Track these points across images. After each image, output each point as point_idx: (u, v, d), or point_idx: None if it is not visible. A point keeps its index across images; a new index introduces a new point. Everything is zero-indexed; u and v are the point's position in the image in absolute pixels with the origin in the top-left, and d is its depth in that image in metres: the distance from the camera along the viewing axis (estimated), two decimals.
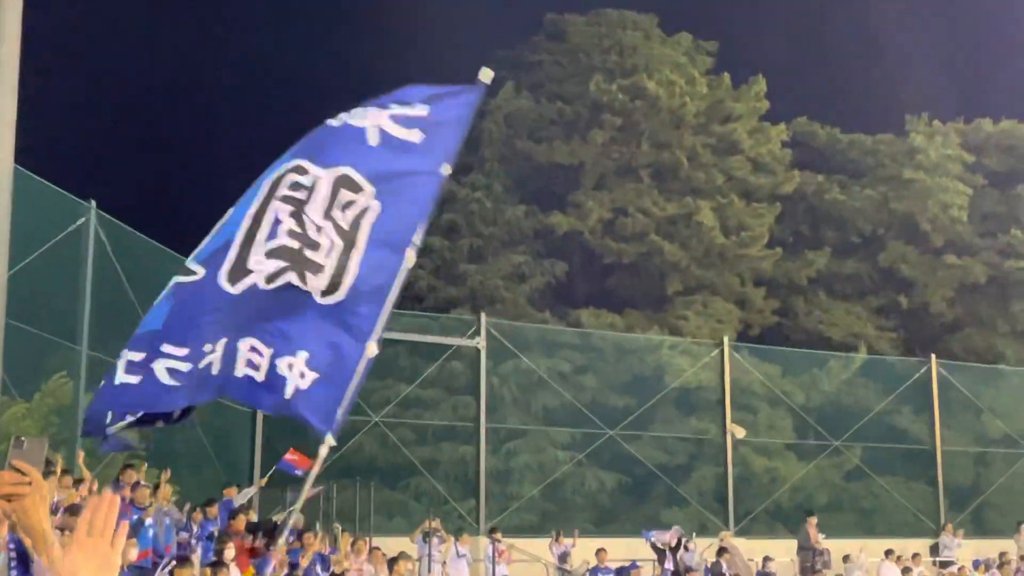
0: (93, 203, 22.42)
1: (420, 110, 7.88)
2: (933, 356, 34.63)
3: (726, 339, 33.50)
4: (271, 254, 7.52)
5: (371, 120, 7.85)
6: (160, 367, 7.24)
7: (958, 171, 46.53)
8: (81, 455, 18.37)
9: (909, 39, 55.78)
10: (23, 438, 10.97)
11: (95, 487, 16.92)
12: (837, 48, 57.55)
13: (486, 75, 8.21)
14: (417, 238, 7.77)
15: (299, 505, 10.67)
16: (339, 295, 7.60)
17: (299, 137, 8.25)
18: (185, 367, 7.32)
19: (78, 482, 17.03)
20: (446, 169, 7.79)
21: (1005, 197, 47.36)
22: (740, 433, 31.19)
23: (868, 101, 51.68)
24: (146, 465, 19.42)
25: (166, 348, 7.26)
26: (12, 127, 30.93)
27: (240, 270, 7.48)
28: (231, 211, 7.88)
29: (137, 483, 17.19)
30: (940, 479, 33.33)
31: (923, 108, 49.67)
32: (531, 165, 43.70)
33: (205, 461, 25.67)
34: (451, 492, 29.92)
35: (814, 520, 28.05)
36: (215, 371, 7.47)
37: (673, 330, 38.77)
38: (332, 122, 7.85)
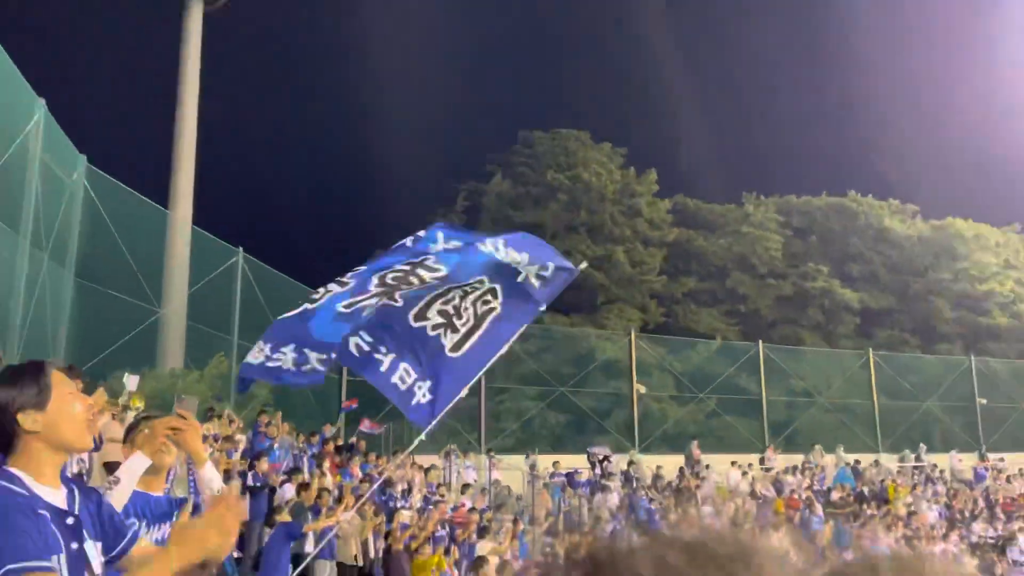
0: (240, 249, 23.08)
1: (545, 270, 7.75)
2: (760, 342, 34.54)
3: (633, 331, 33.49)
4: (440, 313, 7.57)
5: (519, 261, 7.63)
6: (296, 356, 7.11)
7: (774, 227, 48.05)
8: (228, 412, 18.46)
9: (743, 146, 57.98)
10: (184, 397, 15.68)
11: (241, 424, 17.88)
12: (700, 151, 58.28)
13: (581, 263, 8.31)
14: (508, 344, 7.79)
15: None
16: (460, 353, 7.49)
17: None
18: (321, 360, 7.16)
19: (232, 422, 17.36)
20: (540, 309, 7.88)
21: (803, 243, 48.66)
22: (642, 389, 31.68)
23: (719, 184, 51.91)
24: (278, 412, 18.99)
25: (307, 350, 7.14)
26: (190, 197, 33.66)
27: (421, 314, 7.51)
28: (374, 263, 7.69)
29: (268, 422, 17.27)
30: (764, 417, 33.07)
31: (753, 187, 50.93)
32: (511, 223, 41.14)
33: (312, 409, 24.68)
34: (463, 427, 28.55)
35: (696, 443, 29.51)
36: (383, 368, 7.33)
37: (601, 326, 39.11)
38: (483, 248, 7.58)
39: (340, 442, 20.73)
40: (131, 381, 14.81)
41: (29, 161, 14.76)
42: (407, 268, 7.42)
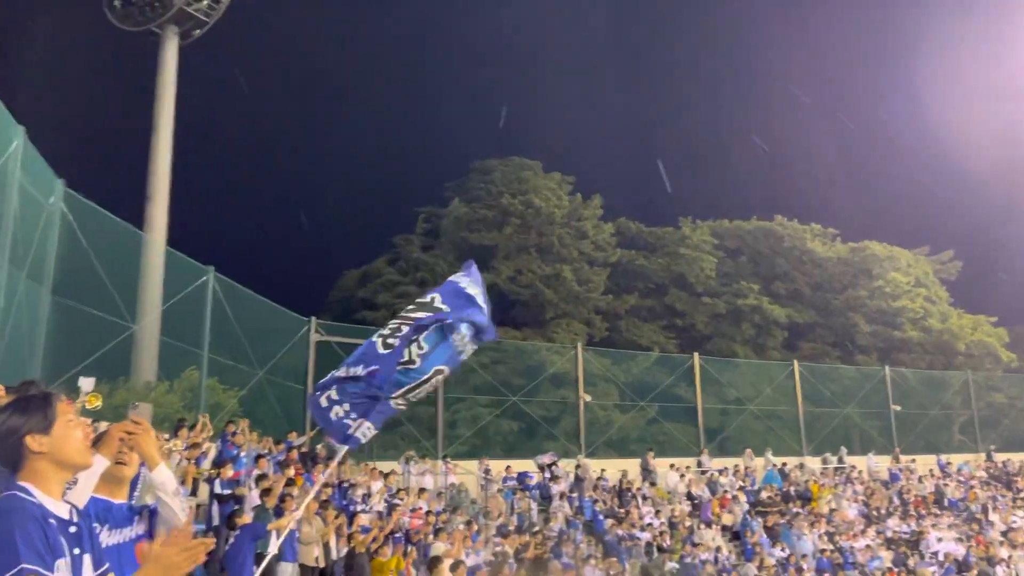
0: (212, 268, 22.66)
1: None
2: (696, 354, 34.57)
3: (579, 345, 33.32)
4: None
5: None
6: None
7: (709, 249, 48.44)
8: (205, 416, 18.08)
9: (681, 173, 58.49)
10: (137, 403, 15.42)
11: (210, 432, 17.38)
12: (642, 180, 58.70)
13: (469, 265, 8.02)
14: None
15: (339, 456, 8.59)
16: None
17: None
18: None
19: (198, 429, 16.80)
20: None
21: (735, 263, 49.11)
22: (588, 398, 31.47)
23: (658, 208, 52.56)
24: (247, 421, 18.42)
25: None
26: (165, 219, 33.20)
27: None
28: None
29: (235, 432, 16.90)
30: (700, 423, 32.90)
31: (689, 212, 51.20)
32: (468, 245, 43.70)
33: (278, 419, 24.19)
34: (421, 434, 28.76)
35: (651, 452, 29.12)
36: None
37: (549, 339, 39.26)
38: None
39: (305, 450, 20.21)
40: (86, 383, 14.69)
41: (8, 185, 14.52)
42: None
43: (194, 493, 14.27)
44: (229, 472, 14.08)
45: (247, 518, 10.71)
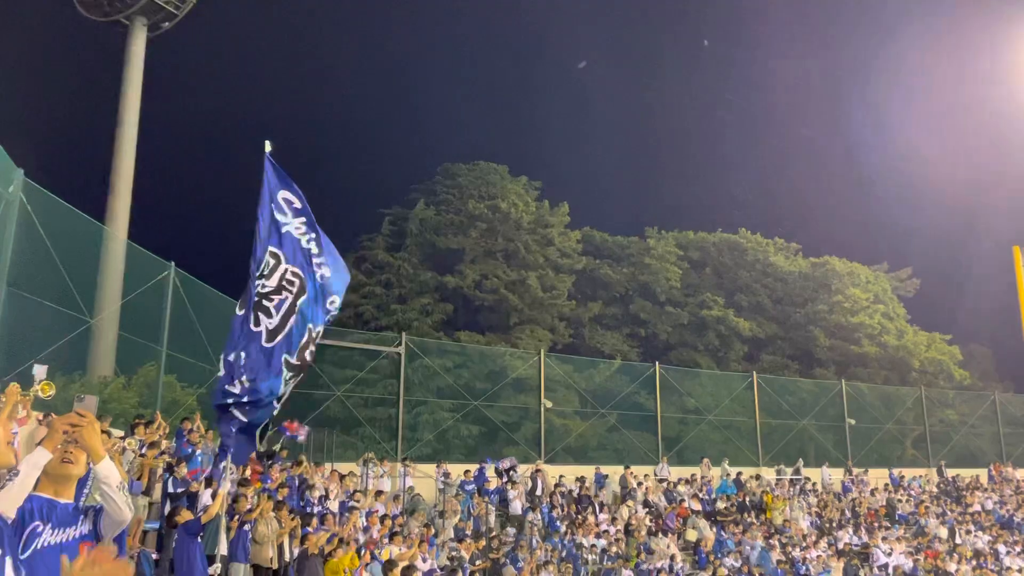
0: (172, 263, 22.10)
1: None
2: (657, 363, 34.57)
3: (543, 351, 33.23)
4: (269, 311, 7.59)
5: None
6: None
7: (674, 259, 48.57)
8: (159, 415, 17.87)
9: (647, 185, 58.97)
10: (83, 396, 15.17)
11: (166, 431, 17.22)
12: (608, 189, 59.76)
13: (268, 146, 8.17)
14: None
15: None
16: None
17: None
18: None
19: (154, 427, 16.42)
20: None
21: (699, 275, 49.61)
22: (549, 404, 31.53)
23: (624, 218, 53.36)
24: (199, 417, 18.33)
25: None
26: (127, 212, 32.77)
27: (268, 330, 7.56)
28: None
29: (191, 429, 16.84)
30: (659, 432, 32.96)
31: (655, 223, 51.69)
32: (434, 248, 44.02)
33: None
34: (381, 436, 28.79)
35: (629, 470, 28.74)
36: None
37: (513, 345, 38.99)
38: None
39: (263, 449, 19.36)
40: (40, 371, 14.46)
41: None
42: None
43: (148, 492, 14.12)
44: (184, 470, 13.85)
45: (187, 515, 10.50)
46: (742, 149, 64.60)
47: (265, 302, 7.81)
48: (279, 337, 7.75)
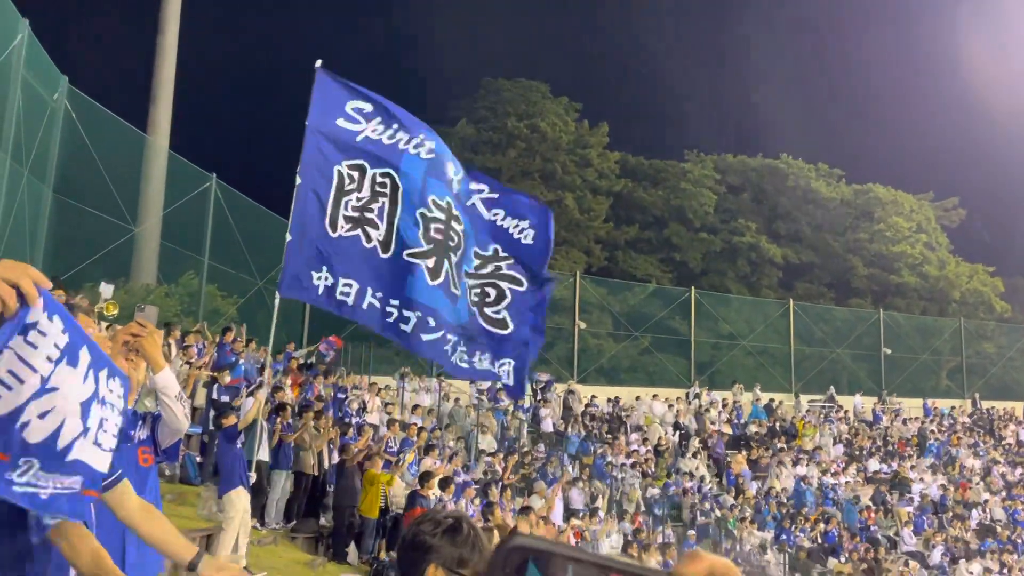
0: (214, 175, 22.61)
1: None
2: (693, 287, 34.93)
3: (578, 272, 33.63)
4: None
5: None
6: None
7: (711, 184, 47.90)
8: (203, 324, 18.28)
9: (692, 106, 57.66)
10: (143, 306, 15.35)
11: (208, 339, 17.12)
12: (649, 109, 58.38)
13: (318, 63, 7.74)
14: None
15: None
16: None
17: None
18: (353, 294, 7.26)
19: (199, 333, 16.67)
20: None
21: (736, 200, 48.89)
22: (583, 325, 31.92)
23: (662, 140, 52.33)
24: (244, 326, 18.62)
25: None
26: (168, 122, 32.62)
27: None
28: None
29: (235, 339, 16.84)
30: (693, 356, 33.19)
31: (694, 146, 50.87)
32: (472, 166, 41.58)
33: (277, 327, 24.08)
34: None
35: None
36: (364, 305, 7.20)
37: (549, 266, 37.96)
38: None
39: (302, 361, 19.98)
40: (106, 290, 14.77)
41: (12, 79, 14.30)
42: (444, 219, 7.39)
43: (191, 397, 14.37)
44: (227, 378, 13.97)
45: (232, 419, 10.73)
46: (787, 74, 62.57)
47: (367, 214, 7.51)
48: (392, 244, 7.49)
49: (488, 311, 7.79)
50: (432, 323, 7.40)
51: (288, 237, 7.37)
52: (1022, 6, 56.21)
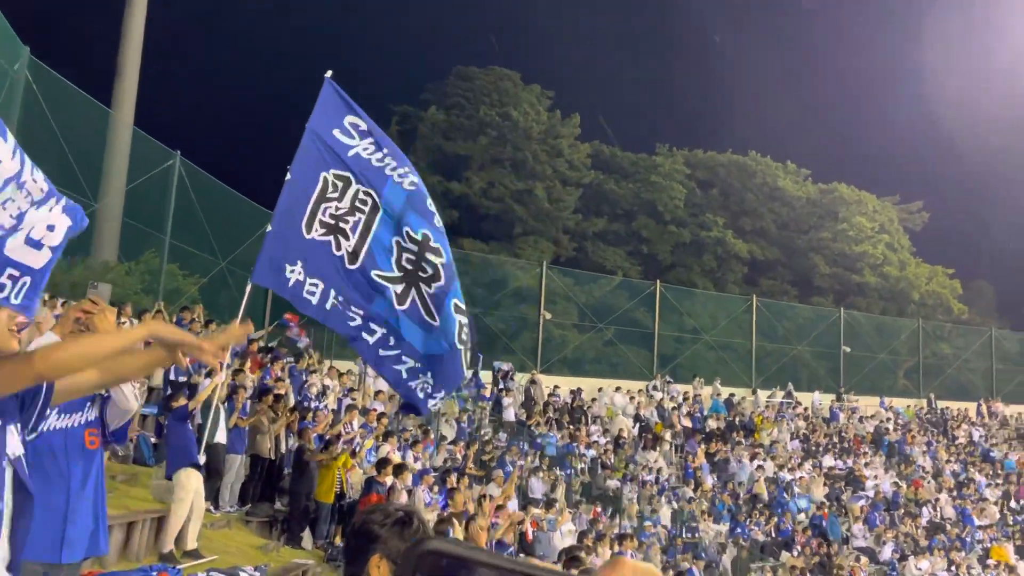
0: (178, 152, 22.16)
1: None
2: (658, 281, 34.86)
3: (544, 262, 33.53)
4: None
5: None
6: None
7: (680, 178, 48.30)
8: (161, 303, 17.89)
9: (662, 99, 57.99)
10: (97, 283, 15.26)
11: (165, 318, 16.54)
12: (622, 102, 58.01)
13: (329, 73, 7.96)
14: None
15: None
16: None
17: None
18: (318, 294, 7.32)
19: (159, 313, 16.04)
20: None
21: (704, 195, 49.21)
22: (548, 316, 31.67)
23: (634, 133, 51.72)
24: (201, 307, 18.20)
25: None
26: (133, 98, 32.02)
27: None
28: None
29: (192, 319, 16.33)
30: (656, 349, 33.10)
31: (665, 140, 51.24)
32: (442, 153, 43.51)
33: (238, 310, 23.54)
34: None
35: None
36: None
37: (515, 255, 39.14)
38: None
39: (262, 344, 19.76)
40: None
41: None
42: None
43: (147, 377, 14.17)
44: (184, 361, 13.84)
45: (181, 400, 10.62)
46: (768, 74, 62.85)
47: (341, 224, 7.58)
48: (361, 258, 7.57)
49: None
50: (392, 342, 7.50)
51: (268, 227, 7.47)
52: (988, 13, 57.20)
